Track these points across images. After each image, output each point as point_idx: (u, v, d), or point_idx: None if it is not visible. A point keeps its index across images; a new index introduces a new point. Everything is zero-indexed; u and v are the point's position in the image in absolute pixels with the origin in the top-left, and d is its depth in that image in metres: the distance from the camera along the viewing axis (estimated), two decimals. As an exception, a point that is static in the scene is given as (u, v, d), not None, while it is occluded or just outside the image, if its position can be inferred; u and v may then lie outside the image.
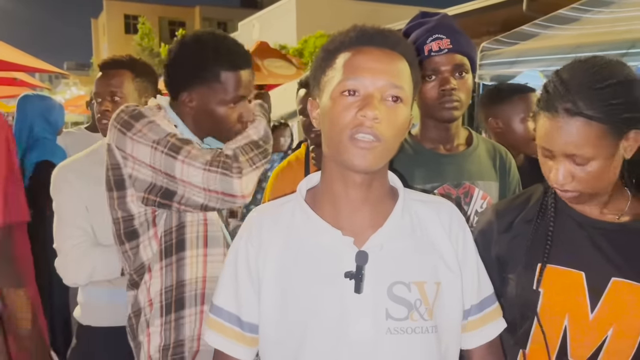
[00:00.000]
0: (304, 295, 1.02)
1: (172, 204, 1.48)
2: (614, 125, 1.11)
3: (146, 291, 1.53)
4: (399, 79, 1.00)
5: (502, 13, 9.35)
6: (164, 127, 1.46)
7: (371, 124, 0.95)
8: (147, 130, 1.44)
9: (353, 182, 1.04)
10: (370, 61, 0.99)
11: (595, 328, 1.16)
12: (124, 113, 1.48)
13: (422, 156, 1.66)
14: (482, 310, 1.13)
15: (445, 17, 1.65)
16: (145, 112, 1.49)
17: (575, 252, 1.21)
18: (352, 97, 0.98)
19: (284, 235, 1.07)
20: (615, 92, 1.10)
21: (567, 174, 1.16)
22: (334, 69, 1.02)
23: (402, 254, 1.04)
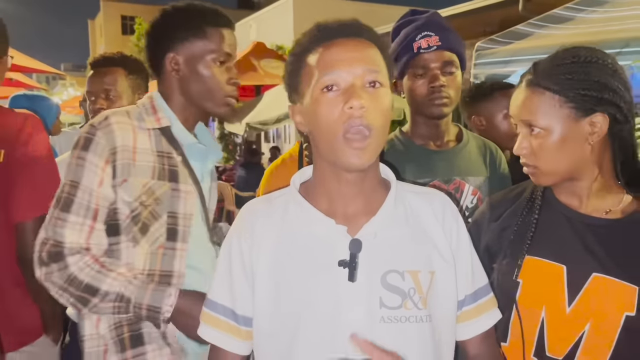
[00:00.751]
0: (298, 286, 1.02)
1: None
2: (570, 100, 1.16)
3: (94, 322, 1.42)
4: (374, 64, 1.00)
5: (498, 13, 9.37)
6: (83, 172, 1.34)
7: (360, 114, 0.95)
8: (73, 164, 1.37)
9: (346, 179, 1.04)
10: (341, 52, 0.99)
11: (572, 321, 1.16)
12: (87, 129, 1.39)
13: (413, 152, 1.67)
14: (477, 301, 1.13)
15: (434, 15, 1.67)
16: (96, 140, 1.36)
17: (560, 246, 1.22)
18: (334, 92, 0.98)
19: (277, 228, 1.07)
20: (573, 69, 1.17)
21: (524, 143, 1.21)
22: (307, 71, 1.02)
23: (396, 243, 1.05)
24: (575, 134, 1.17)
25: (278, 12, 17.28)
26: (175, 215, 1.43)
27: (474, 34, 10.93)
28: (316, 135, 1.02)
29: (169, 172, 1.44)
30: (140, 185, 1.38)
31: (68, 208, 1.33)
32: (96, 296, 1.32)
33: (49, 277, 1.31)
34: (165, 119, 1.47)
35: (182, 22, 1.48)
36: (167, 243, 1.42)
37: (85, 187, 1.34)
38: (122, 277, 1.34)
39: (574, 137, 1.17)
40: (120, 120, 1.40)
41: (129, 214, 1.38)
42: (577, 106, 1.16)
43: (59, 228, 1.32)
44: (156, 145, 1.44)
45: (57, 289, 1.32)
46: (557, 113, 1.17)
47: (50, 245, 1.31)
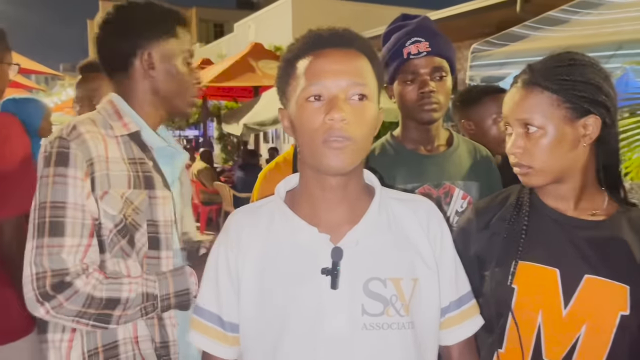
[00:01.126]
0: (282, 293, 1.04)
1: None
2: (567, 101, 1.18)
3: (65, 353, 1.33)
4: (360, 77, 1.01)
5: (496, 14, 9.37)
6: (68, 190, 1.26)
7: (340, 126, 0.97)
8: (50, 183, 1.26)
9: (329, 185, 1.05)
10: (329, 63, 1.01)
11: (569, 324, 1.18)
12: (57, 143, 1.30)
13: (403, 157, 1.68)
14: (460, 307, 1.15)
15: (425, 20, 1.68)
16: (72, 152, 1.28)
17: (550, 249, 1.23)
18: (318, 102, 1.00)
19: (262, 237, 1.09)
20: (570, 71, 1.19)
21: (519, 142, 1.22)
22: (296, 77, 1.04)
23: (379, 250, 1.06)
24: (570, 135, 1.19)
25: (277, 13, 17.29)
26: (156, 223, 1.40)
27: (471, 35, 10.93)
28: (299, 140, 1.04)
29: (144, 179, 1.38)
30: (119, 196, 1.33)
31: (61, 232, 1.24)
32: (118, 308, 1.27)
33: (59, 309, 1.22)
34: (132, 124, 1.42)
35: (154, 19, 1.45)
36: (150, 252, 1.39)
37: (74, 205, 1.26)
38: (136, 279, 1.31)
39: (568, 138, 1.19)
40: (90, 129, 1.33)
41: (113, 228, 1.32)
42: (573, 107, 1.18)
43: (55, 256, 1.22)
44: (126, 153, 1.38)
45: (73, 317, 1.23)
46: (554, 113, 1.18)
47: (50, 277, 1.21)
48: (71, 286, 1.22)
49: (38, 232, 1.24)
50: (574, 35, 3.59)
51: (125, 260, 1.35)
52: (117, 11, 1.45)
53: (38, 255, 1.22)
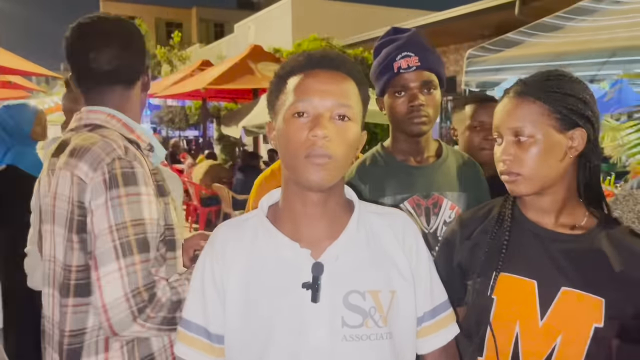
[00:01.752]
0: (266, 306, 1.08)
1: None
2: (557, 112, 1.23)
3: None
4: (346, 99, 1.06)
5: (495, 17, 9.43)
6: (144, 207, 1.30)
7: (322, 143, 1.02)
8: (124, 203, 1.28)
9: (311, 200, 1.10)
10: (317, 83, 1.06)
11: (545, 335, 1.21)
12: (118, 164, 1.30)
13: (394, 168, 1.72)
14: (435, 317, 1.19)
15: (415, 35, 1.71)
16: (138, 171, 1.32)
17: (529, 262, 1.27)
18: (303, 119, 1.04)
19: (247, 251, 1.13)
20: (560, 84, 1.26)
21: (509, 149, 1.26)
22: (285, 93, 1.09)
23: (357, 265, 1.10)
24: (558, 145, 1.24)
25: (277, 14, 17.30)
26: (171, 226, 1.45)
27: (471, 36, 11.00)
28: (282, 154, 1.09)
29: (158, 188, 1.43)
30: (159, 208, 1.38)
31: (147, 247, 1.29)
32: (179, 310, 1.31)
33: (152, 321, 1.26)
34: (145, 136, 1.47)
35: (143, 42, 1.53)
36: (168, 254, 1.45)
37: (151, 220, 1.31)
38: (180, 280, 1.37)
39: (556, 147, 1.24)
40: (135, 149, 1.39)
41: (158, 236, 1.38)
42: (561, 118, 1.23)
43: (144, 271, 1.26)
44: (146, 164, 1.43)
45: (159, 324, 1.28)
46: (544, 122, 1.23)
47: (144, 291, 1.25)
48: (155, 296, 1.27)
49: (124, 251, 1.25)
50: (568, 41, 3.62)
51: (159, 268, 1.40)
52: (125, 27, 1.48)
53: (131, 273, 1.24)
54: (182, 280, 1.38)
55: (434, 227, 1.68)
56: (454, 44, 11.87)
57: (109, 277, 1.24)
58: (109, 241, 1.25)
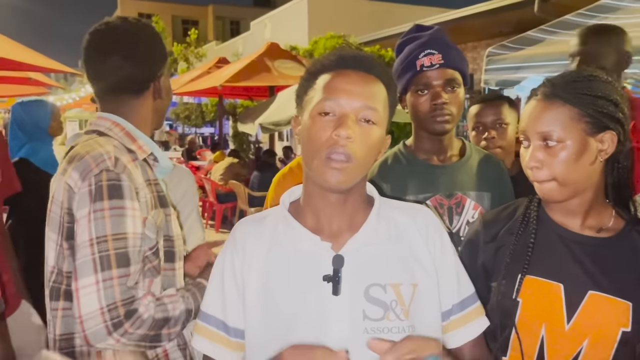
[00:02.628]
0: (286, 299, 1.08)
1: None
2: (587, 115, 1.19)
3: None
4: (373, 101, 1.06)
5: (514, 14, 9.33)
6: (127, 221, 1.27)
7: (344, 143, 1.02)
8: (107, 216, 1.25)
9: (330, 199, 1.11)
10: (347, 83, 1.06)
11: (571, 338, 1.20)
12: (105, 176, 1.28)
13: (416, 167, 1.70)
14: (464, 309, 1.18)
15: (438, 32, 1.69)
16: (124, 184, 1.29)
17: (555, 264, 1.25)
18: (329, 117, 1.05)
19: (267, 245, 1.14)
20: (591, 86, 1.21)
21: (537, 155, 1.22)
22: (314, 90, 1.10)
23: (378, 258, 1.10)
24: (588, 149, 1.20)
25: (293, 11, 17.30)
26: (171, 238, 1.45)
27: (489, 34, 10.90)
28: (304, 151, 1.10)
29: (159, 199, 1.42)
30: (153, 220, 1.37)
31: (126, 262, 1.26)
32: (166, 327, 1.31)
33: (128, 337, 1.24)
34: (146, 146, 1.44)
35: (162, 42, 1.52)
36: (166, 264, 1.44)
37: (134, 234, 1.29)
38: (174, 297, 1.36)
39: (586, 152, 1.20)
40: (128, 159, 1.35)
41: (147, 250, 1.35)
42: (592, 122, 1.19)
43: (123, 286, 1.24)
44: (143, 175, 1.40)
45: (136, 341, 1.26)
46: (575, 126, 1.19)
47: (121, 306, 1.23)
48: (136, 312, 1.25)
49: (102, 265, 1.23)
50: (590, 39, 3.56)
51: (153, 279, 1.38)
52: (133, 35, 1.45)
53: (107, 287, 1.23)
54: (176, 297, 1.36)
55: (457, 227, 1.66)
56: (472, 41, 11.78)
57: (87, 290, 1.23)
58: (88, 254, 1.24)
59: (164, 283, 1.44)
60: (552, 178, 1.22)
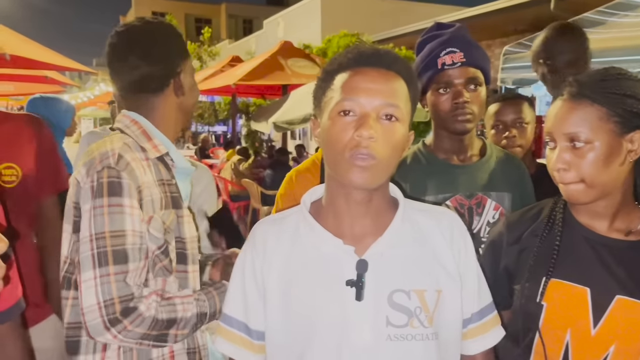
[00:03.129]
0: (307, 303, 1.06)
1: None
2: (616, 115, 1.15)
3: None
4: (394, 98, 1.04)
5: (530, 12, 9.25)
6: (126, 218, 1.28)
7: (367, 144, 0.99)
8: (106, 213, 1.27)
9: (354, 199, 1.08)
10: (366, 82, 1.04)
11: (597, 344, 1.17)
12: (106, 173, 1.30)
13: (435, 167, 1.68)
14: (483, 318, 1.16)
15: (460, 30, 1.66)
16: (125, 182, 1.30)
17: (581, 268, 1.22)
18: (349, 117, 1.02)
19: (287, 246, 1.11)
20: (619, 85, 1.17)
21: (564, 157, 1.18)
22: (332, 90, 1.07)
23: (402, 262, 1.08)
24: (617, 150, 1.17)
25: (306, 10, 17.28)
26: (183, 240, 1.44)
27: (504, 32, 10.82)
28: (326, 152, 1.07)
29: (172, 200, 1.42)
30: (160, 219, 1.37)
31: (124, 259, 1.27)
32: (173, 327, 1.32)
33: (126, 334, 1.25)
34: (162, 146, 1.44)
35: (182, 40, 1.52)
36: (179, 266, 1.43)
37: (133, 232, 1.29)
38: (188, 298, 1.36)
39: (615, 153, 1.17)
40: (134, 157, 1.35)
41: (156, 250, 1.36)
42: (621, 121, 1.16)
43: (121, 283, 1.25)
44: (156, 175, 1.41)
45: (137, 339, 1.27)
46: (603, 126, 1.16)
47: (118, 303, 1.24)
48: (136, 310, 1.25)
49: (100, 261, 1.25)
50: (610, 37, 3.51)
51: (166, 278, 1.39)
52: (147, 33, 1.46)
53: (104, 283, 1.24)
54: (190, 299, 1.36)
55: (477, 227, 1.64)
56: (487, 39, 11.68)
57: (87, 284, 1.25)
58: (88, 249, 1.26)
59: (180, 285, 1.43)
60: (579, 180, 1.18)
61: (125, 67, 1.45)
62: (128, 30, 1.47)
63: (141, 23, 1.48)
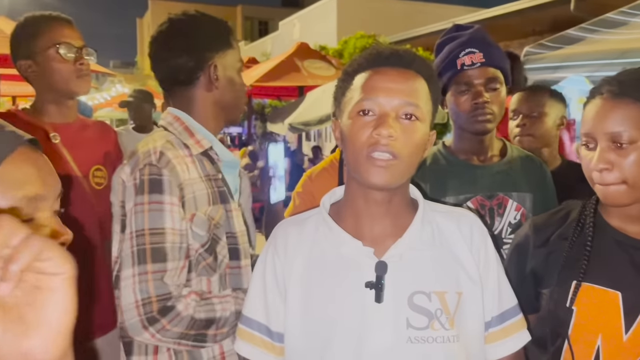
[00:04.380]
0: (327, 305, 1.06)
1: None
2: None
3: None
4: (414, 97, 1.03)
5: (549, 13, 9.15)
6: (165, 216, 1.28)
7: (386, 142, 0.99)
8: (146, 210, 1.27)
9: (374, 199, 1.07)
10: (385, 81, 1.03)
11: (629, 349, 1.14)
12: (147, 170, 1.30)
13: (456, 167, 1.66)
14: (504, 322, 1.13)
15: (479, 31, 1.66)
16: (166, 179, 1.30)
17: (613, 271, 1.18)
18: (369, 117, 1.02)
19: (308, 247, 1.11)
20: None
21: (607, 157, 1.14)
22: (352, 90, 1.07)
23: (423, 264, 1.06)
24: None
25: (322, 12, 17.29)
26: (234, 234, 1.43)
27: (524, 33, 10.71)
28: (346, 152, 1.07)
29: (219, 195, 1.41)
30: (204, 216, 1.35)
31: (163, 257, 1.26)
32: (212, 327, 1.30)
33: (164, 333, 1.24)
34: (205, 141, 1.43)
35: (216, 32, 1.48)
36: (232, 262, 1.42)
37: (172, 230, 1.29)
38: (226, 298, 1.34)
39: None
40: (176, 155, 1.35)
41: (199, 248, 1.34)
42: None
43: (158, 281, 1.25)
44: (202, 170, 1.40)
45: (175, 339, 1.26)
46: None
47: (156, 302, 1.23)
48: (174, 310, 1.24)
49: (139, 259, 1.25)
50: (633, 38, 3.44)
51: (209, 277, 1.37)
52: (177, 25, 1.46)
53: (142, 281, 1.24)
54: (228, 298, 1.35)
55: (499, 228, 1.61)
56: (504, 40, 11.57)
57: (127, 282, 1.25)
58: (129, 246, 1.27)
59: (230, 282, 1.42)
60: (622, 181, 1.14)
61: (158, 61, 1.47)
62: (160, 26, 1.49)
63: (176, 16, 1.49)
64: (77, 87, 1.81)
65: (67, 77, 1.76)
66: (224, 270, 1.41)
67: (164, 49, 1.46)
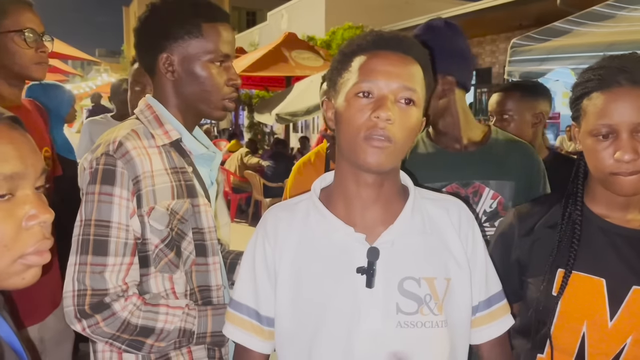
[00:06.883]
0: (317, 290, 1.06)
1: None
2: None
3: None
4: (412, 82, 1.03)
5: (535, 7, 9.16)
6: (113, 209, 1.24)
7: (384, 125, 0.99)
8: (96, 201, 1.24)
9: (365, 181, 1.07)
10: (385, 64, 1.03)
11: (614, 336, 1.15)
12: (103, 159, 1.26)
13: (432, 155, 1.66)
14: (490, 307, 1.15)
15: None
16: (119, 171, 1.26)
17: (597, 259, 1.19)
18: (366, 99, 1.02)
19: (298, 233, 1.11)
20: None
21: (634, 146, 1.10)
22: (349, 72, 1.06)
23: (413, 251, 1.07)
24: None
25: (310, 2, 17.18)
26: (201, 230, 1.37)
27: (508, 27, 10.74)
28: (340, 134, 1.06)
29: (186, 188, 1.35)
30: (165, 210, 1.30)
31: (104, 251, 1.22)
32: (151, 337, 1.25)
33: (96, 329, 1.20)
34: (174, 132, 1.36)
35: (175, 18, 1.36)
36: (198, 259, 1.37)
37: (118, 224, 1.24)
38: (175, 310, 1.28)
39: None
40: (136, 145, 1.29)
41: (159, 243, 1.30)
42: None
43: (97, 274, 1.21)
44: (168, 162, 1.34)
45: (108, 338, 1.22)
46: None
47: (90, 295, 1.20)
48: (109, 308, 1.20)
49: (82, 248, 1.23)
50: (620, 31, 3.47)
51: (172, 274, 1.33)
52: (148, 11, 1.41)
53: (81, 272, 1.21)
54: (177, 311, 1.28)
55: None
56: (491, 34, 11.62)
57: (69, 269, 1.23)
58: (76, 234, 1.24)
59: (197, 279, 1.37)
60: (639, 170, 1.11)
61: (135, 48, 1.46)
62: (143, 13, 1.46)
63: (153, 3, 1.42)
64: (36, 73, 1.81)
65: (27, 63, 1.77)
66: (190, 267, 1.36)
67: (135, 33, 1.43)
